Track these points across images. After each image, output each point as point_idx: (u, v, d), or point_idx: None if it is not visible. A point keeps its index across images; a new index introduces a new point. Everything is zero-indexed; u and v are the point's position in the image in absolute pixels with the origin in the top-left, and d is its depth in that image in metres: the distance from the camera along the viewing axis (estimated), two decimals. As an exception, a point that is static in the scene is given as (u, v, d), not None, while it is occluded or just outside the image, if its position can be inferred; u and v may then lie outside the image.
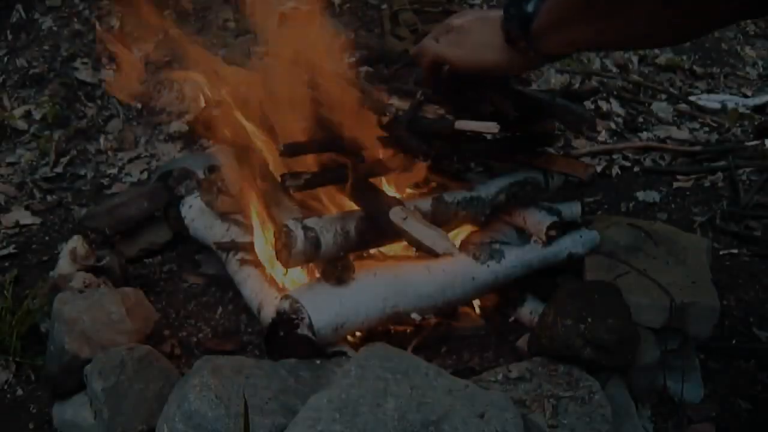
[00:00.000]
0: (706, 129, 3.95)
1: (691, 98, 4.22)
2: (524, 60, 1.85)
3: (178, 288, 2.63)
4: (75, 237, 2.50)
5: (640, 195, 3.26)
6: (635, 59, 4.54)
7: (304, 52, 2.25)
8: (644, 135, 3.84)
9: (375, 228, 2.12)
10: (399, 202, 2.08)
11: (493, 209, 2.37)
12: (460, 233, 2.43)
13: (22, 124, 3.56)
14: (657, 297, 2.18)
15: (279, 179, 2.07)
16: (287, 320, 1.97)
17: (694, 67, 4.62)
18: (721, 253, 2.85)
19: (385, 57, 2.64)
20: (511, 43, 1.81)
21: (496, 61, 1.89)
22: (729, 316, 2.53)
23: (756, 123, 3.94)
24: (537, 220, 2.37)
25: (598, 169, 3.44)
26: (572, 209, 2.49)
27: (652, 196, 3.25)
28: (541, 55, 1.78)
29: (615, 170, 3.46)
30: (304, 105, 2.23)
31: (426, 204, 2.24)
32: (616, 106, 4.01)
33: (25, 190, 3.26)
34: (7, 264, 2.75)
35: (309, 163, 2.24)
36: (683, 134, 3.87)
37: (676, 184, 3.35)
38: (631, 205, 3.21)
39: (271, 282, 2.33)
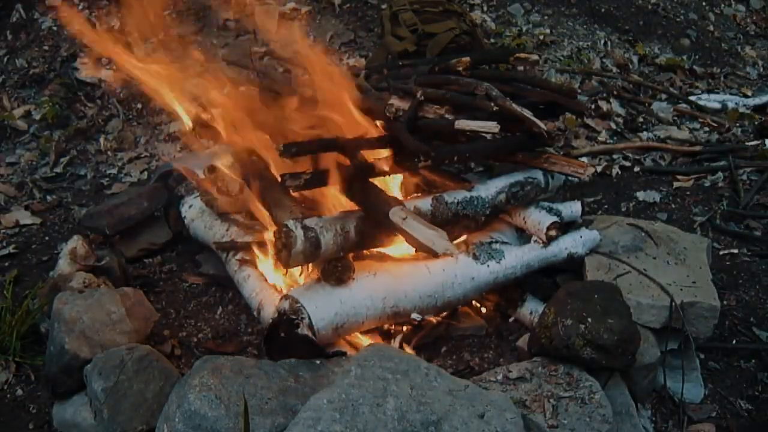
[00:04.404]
0: (706, 129, 3.95)
1: (691, 98, 4.22)
2: None
3: (178, 288, 2.63)
4: (75, 237, 2.50)
5: (640, 195, 3.26)
6: (635, 59, 4.54)
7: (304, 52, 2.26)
8: (644, 135, 3.84)
9: (375, 228, 2.12)
10: (399, 202, 2.08)
11: (493, 209, 2.37)
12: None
13: (22, 124, 3.57)
14: (657, 297, 2.18)
15: (279, 179, 2.07)
16: (287, 320, 1.97)
17: (694, 67, 4.61)
18: (721, 253, 2.85)
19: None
20: None
21: None
22: (729, 316, 2.53)
23: (756, 123, 3.94)
24: (537, 220, 2.38)
25: (598, 169, 3.44)
26: (572, 209, 2.49)
27: (652, 196, 3.25)
28: None
29: (615, 170, 3.46)
30: (304, 105, 2.23)
31: (426, 204, 2.25)
32: (616, 106, 4.01)
33: (25, 190, 3.26)
34: (7, 264, 2.75)
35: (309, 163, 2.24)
36: (683, 134, 3.87)
37: (676, 184, 3.35)
38: (631, 205, 3.21)
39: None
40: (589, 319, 1.91)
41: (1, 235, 2.94)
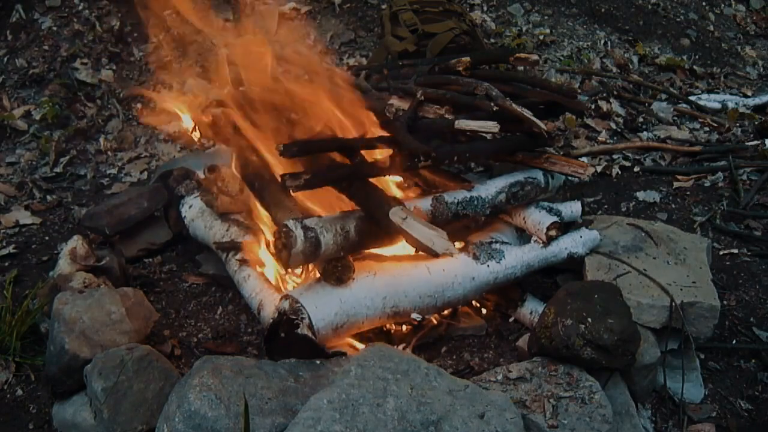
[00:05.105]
0: (706, 129, 3.95)
1: (691, 98, 4.22)
2: None
3: (178, 288, 2.63)
4: (75, 237, 2.50)
5: (640, 195, 3.26)
6: (635, 59, 4.55)
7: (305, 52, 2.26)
8: (644, 135, 3.84)
9: (375, 228, 2.12)
10: (399, 202, 2.08)
11: (493, 209, 2.37)
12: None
13: (22, 124, 3.57)
14: (657, 297, 2.18)
15: (279, 179, 2.07)
16: (287, 320, 1.97)
17: (694, 67, 4.62)
18: (721, 253, 2.85)
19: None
20: None
21: None
22: (729, 316, 2.53)
23: (756, 123, 3.94)
24: (537, 220, 2.38)
25: (598, 169, 3.44)
26: (572, 209, 2.49)
27: (652, 196, 3.25)
28: None
29: (615, 170, 3.46)
30: (304, 105, 2.23)
31: (426, 204, 2.25)
32: (616, 106, 4.01)
33: (25, 190, 3.26)
34: (7, 264, 2.75)
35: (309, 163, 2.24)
36: (683, 134, 3.87)
37: (676, 184, 3.35)
38: (631, 205, 3.21)
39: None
40: (589, 319, 1.91)
41: (1, 235, 2.94)
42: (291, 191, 2.03)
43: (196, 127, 2.59)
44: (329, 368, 1.93)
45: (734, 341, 2.45)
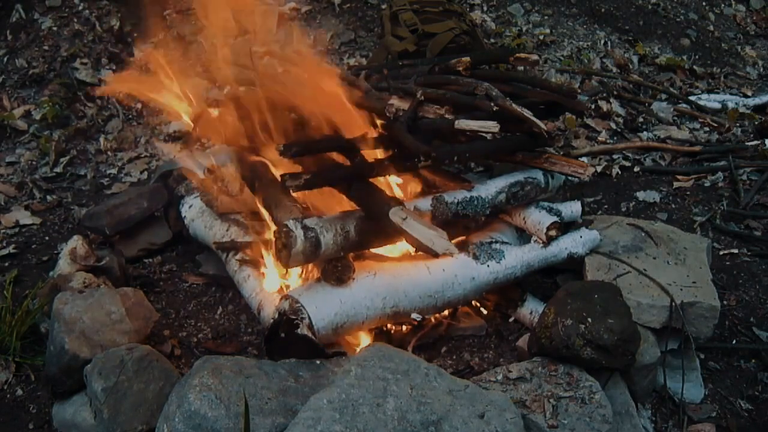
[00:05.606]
0: (706, 129, 3.95)
1: (691, 98, 4.22)
2: None
3: (178, 288, 2.63)
4: (75, 237, 2.50)
5: (640, 195, 3.26)
6: (635, 59, 4.55)
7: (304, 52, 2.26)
8: (644, 135, 3.84)
9: (375, 228, 2.12)
10: (399, 202, 2.08)
11: (493, 209, 2.37)
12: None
13: (22, 124, 3.57)
14: (657, 297, 2.18)
15: (279, 179, 2.07)
16: (287, 320, 1.97)
17: (694, 67, 4.61)
18: (721, 253, 2.85)
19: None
20: None
21: None
22: (729, 316, 2.53)
23: (756, 123, 3.94)
24: (537, 220, 2.38)
25: (598, 169, 3.44)
26: (572, 209, 2.49)
27: (652, 196, 3.25)
28: None
29: (615, 170, 3.46)
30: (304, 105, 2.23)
31: (426, 204, 2.25)
32: (616, 106, 4.01)
33: (25, 190, 3.26)
34: (7, 264, 2.75)
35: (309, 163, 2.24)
36: (683, 134, 3.87)
37: (676, 184, 3.35)
38: (631, 205, 3.21)
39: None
40: (589, 319, 1.91)
41: (1, 235, 2.94)
42: (291, 191, 2.04)
43: (196, 128, 2.59)
44: (329, 368, 1.93)
45: (734, 341, 2.45)
